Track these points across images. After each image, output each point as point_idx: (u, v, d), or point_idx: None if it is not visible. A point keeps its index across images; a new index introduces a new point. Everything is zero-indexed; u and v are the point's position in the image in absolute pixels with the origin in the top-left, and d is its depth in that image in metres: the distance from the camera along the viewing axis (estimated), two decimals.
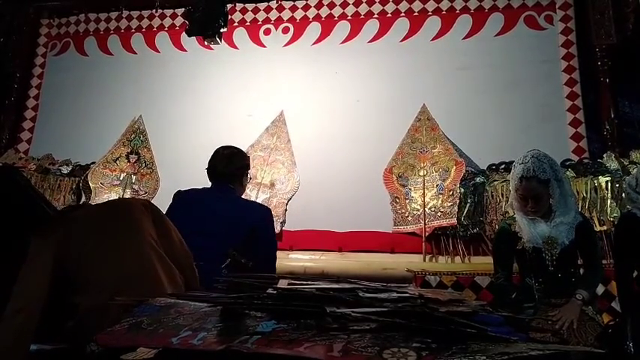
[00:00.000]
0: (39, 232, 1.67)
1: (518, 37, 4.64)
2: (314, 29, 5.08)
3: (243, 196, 2.62)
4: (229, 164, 2.49)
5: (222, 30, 3.77)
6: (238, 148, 2.63)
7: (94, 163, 4.69)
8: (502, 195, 3.88)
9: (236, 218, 2.22)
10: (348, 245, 4.16)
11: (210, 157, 2.56)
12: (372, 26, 4.97)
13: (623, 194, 2.89)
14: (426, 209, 4.04)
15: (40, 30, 5.65)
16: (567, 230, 2.37)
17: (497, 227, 3.31)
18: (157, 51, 5.33)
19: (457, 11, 4.84)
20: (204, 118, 4.81)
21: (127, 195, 4.49)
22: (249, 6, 5.26)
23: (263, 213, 2.44)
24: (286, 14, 5.18)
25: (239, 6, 5.27)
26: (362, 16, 5.02)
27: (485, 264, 3.40)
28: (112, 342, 0.98)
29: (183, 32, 4.03)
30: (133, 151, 4.70)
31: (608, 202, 3.66)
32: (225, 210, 2.22)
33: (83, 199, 4.54)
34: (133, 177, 4.60)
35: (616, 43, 4.38)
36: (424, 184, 4.14)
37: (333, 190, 4.35)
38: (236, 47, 5.13)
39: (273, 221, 2.60)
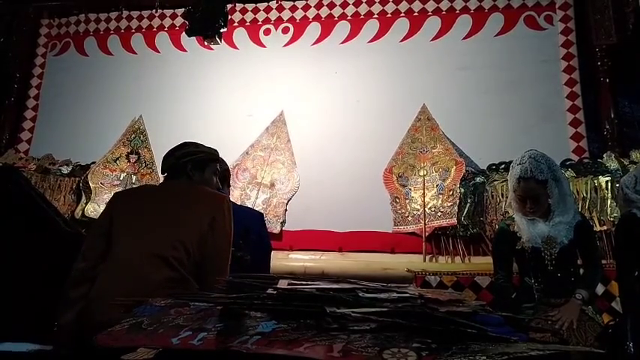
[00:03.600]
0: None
1: (518, 37, 4.64)
2: (314, 29, 5.08)
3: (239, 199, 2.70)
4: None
5: (222, 30, 3.77)
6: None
7: (94, 163, 4.69)
8: (502, 195, 3.88)
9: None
10: (348, 245, 4.15)
11: None
12: (372, 26, 4.97)
13: (617, 194, 2.85)
14: (426, 209, 4.04)
15: (40, 30, 5.65)
16: (566, 230, 2.37)
17: (497, 227, 3.30)
18: (157, 51, 5.33)
19: (457, 11, 4.84)
20: (204, 118, 4.81)
21: None
22: (249, 6, 5.26)
23: (255, 216, 2.64)
24: (286, 14, 5.18)
25: (239, 6, 5.27)
26: (362, 16, 5.02)
27: (486, 264, 3.40)
28: (112, 342, 0.99)
29: (183, 32, 4.03)
30: (133, 151, 4.70)
31: (608, 202, 3.66)
32: None
33: (83, 199, 4.54)
34: (133, 177, 4.60)
35: (616, 43, 4.38)
36: (424, 184, 4.14)
37: (333, 190, 4.35)
38: (236, 47, 5.13)
39: (265, 223, 2.78)
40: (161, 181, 2.18)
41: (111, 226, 1.93)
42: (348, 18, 5.04)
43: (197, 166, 2.07)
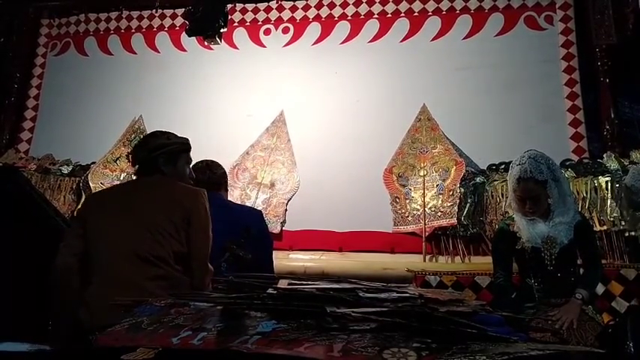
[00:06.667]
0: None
1: (518, 37, 4.64)
2: (314, 29, 5.08)
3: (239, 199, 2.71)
4: (212, 174, 2.60)
5: (222, 30, 3.77)
6: (212, 160, 2.73)
7: (94, 163, 4.69)
8: (502, 195, 3.88)
9: (231, 219, 2.28)
10: (348, 245, 4.15)
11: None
12: (372, 26, 4.97)
13: (623, 197, 2.77)
14: (426, 209, 4.04)
15: (40, 30, 5.65)
16: (566, 230, 2.37)
17: (497, 227, 3.30)
18: (157, 51, 5.33)
19: (457, 11, 4.84)
20: (205, 118, 4.81)
21: None
22: (249, 6, 5.26)
23: (255, 214, 2.66)
24: (286, 14, 5.18)
25: (239, 6, 5.26)
26: (362, 17, 5.02)
27: (486, 264, 3.39)
28: (112, 342, 0.99)
29: (183, 32, 4.03)
30: None
31: (608, 202, 3.66)
32: (219, 213, 2.27)
33: (83, 199, 4.54)
34: (133, 177, 4.59)
35: (616, 43, 4.38)
36: (424, 184, 4.14)
37: (333, 190, 4.35)
38: (236, 47, 5.13)
39: (265, 220, 2.79)
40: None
41: (85, 229, 1.91)
42: (348, 18, 5.04)
43: (169, 159, 2.04)
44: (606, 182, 3.72)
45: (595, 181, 3.75)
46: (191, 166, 2.56)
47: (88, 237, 1.89)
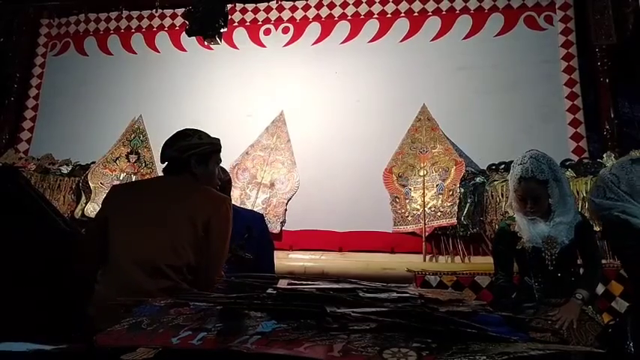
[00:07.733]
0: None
1: (518, 37, 4.64)
2: (314, 29, 5.08)
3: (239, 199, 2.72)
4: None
5: (222, 30, 3.77)
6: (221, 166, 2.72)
7: (93, 162, 4.69)
8: (502, 195, 3.88)
9: (233, 220, 2.30)
10: (348, 245, 4.16)
11: None
12: (372, 26, 4.97)
13: (594, 198, 2.57)
14: (426, 209, 4.04)
15: (40, 30, 5.65)
16: (567, 230, 2.37)
17: (497, 227, 3.30)
18: (157, 51, 5.33)
19: (457, 11, 4.84)
20: (204, 118, 4.79)
21: None
22: (249, 6, 5.26)
23: (257, 217, 2.68)
24: (286, 14, 5.18)
25: (239, 6, 5.26)
26: (362, 16, 5.02)
27: (486, 264, 3.40)
28: (112, 342, 0.98)
29: (183, 32, 4.03)
30: (132, 151, 4.71)
31: None
32: None
33: (83, 199, 4.54)
34: (133, 177, 4.61)
35: (616, 43, 4.38)
36: (424, 184, 4.14)
37: (333, 190, 4.35)
38: (236, 47, 5.13)
39: (266, 224, 2.84)
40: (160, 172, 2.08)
41: (107, 226, 1.86)
42: (348, 18, 5.04)
43: (200, 161, 1.96)
44: None
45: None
46: None
47: (108, 234, 1.85)
